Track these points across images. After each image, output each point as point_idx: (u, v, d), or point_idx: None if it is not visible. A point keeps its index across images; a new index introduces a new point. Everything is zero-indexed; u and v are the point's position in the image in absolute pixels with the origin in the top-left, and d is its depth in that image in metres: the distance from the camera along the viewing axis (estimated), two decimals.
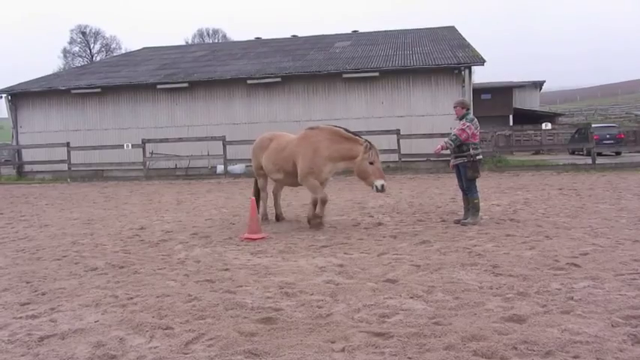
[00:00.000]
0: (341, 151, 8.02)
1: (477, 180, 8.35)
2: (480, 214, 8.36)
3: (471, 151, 8.14)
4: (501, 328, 3.75)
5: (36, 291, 5.21)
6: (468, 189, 8.28)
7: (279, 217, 9.29)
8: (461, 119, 8.33)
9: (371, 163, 7.80)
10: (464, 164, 8.22)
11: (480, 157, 8.36)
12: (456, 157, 8.36)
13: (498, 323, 3.85)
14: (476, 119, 8.34)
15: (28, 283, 5.55)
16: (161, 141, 21.06)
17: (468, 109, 8.45)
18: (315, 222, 8.29)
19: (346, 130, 8.22)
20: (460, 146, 8.20)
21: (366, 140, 7.91)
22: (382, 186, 7.75)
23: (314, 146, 8.11)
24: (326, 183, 8.54)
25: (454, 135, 8.15)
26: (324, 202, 8.25)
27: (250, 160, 20.28)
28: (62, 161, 21.05)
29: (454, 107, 8.57)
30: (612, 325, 3.71)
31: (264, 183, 9.36)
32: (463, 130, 8.11)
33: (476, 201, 8.24)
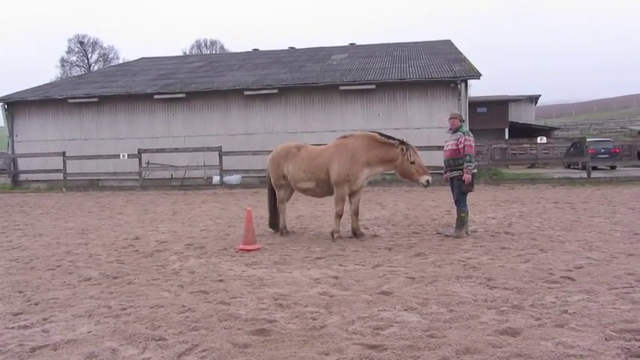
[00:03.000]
0: (379, 156, 8.16)
1: (468, 194, 8.36)
2: (470, 228, 8.37)
3: (466, 165, 8.15)
4: (495, 341, 3.75)
5: (29, 301, 5.18)
6: (458, 202, 8.30)
7: (282, 231, 9.17)
8: (455, 132, 8.34)
9: (412, 163, 7.99)
10: (459, 177, 8.22)
11: (475, 170, 8.38)
12: (452, 170, 8.37)
13: (492, 336, 3.84)
14: (470, 132, 8.37)
15: (21, 292, 5.52)
16: (157, 151, 21.02)
17: (463, 122, 8.48)
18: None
19: (380, 134, 8.33)
20: (456, 160, 8.22)
21: (402, 142, 8.08)
22: (427, 181, 8.03)
23: (351, 153, 8.18)
24: (361, 191, 8.55)
25: (468, 155, 8.10)
26: (338, 215, 8.38)
27: (246, 170, 20.32)
28: (58, 170, 20.98)
29: (449, 119, 8.57)
30: (606, 339, 3.71)
31: (284, 195, 9.09)
32: (471, 145, 8.15)
33: (463, 214, 8.24)
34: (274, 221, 9.25)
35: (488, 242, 7.66)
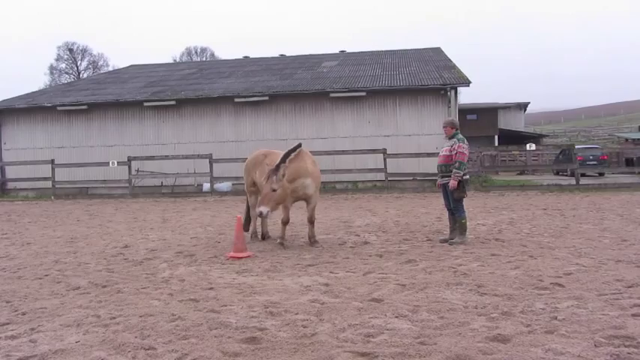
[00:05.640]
0: None
1: (463, 200, 8.38)
2: (467, 233, 8.39)
3: (454, 171, 8.15)
4: (486, 347, 3.75)
5: (16, 310, 5.12)
6: (456, 209, 8.29)
7: (264, 236, 9.28)
8: (450, 139, 8.36)
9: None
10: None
11: (467, 177, 8.40)
12: (443, 177, 8.39)
13: (483, 343, 3.85)
14: (465, 139, 8.38)
15: (8, 302, 5.45)
16: (147, 158, 20.96)
17: (457, 129, 8.46)
18: (281, 242, 8.44)
19: (288, 151, 8.04)
20: (448, 166, 8.24)
21: (278, 164, 7.75)
22: (258, 211, 7.64)
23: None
24: (311, 200, 8.47)
25: (458, 162, 8.08)
26: (283, 222, 8.43)
27: (237, 178, 20.29)
28: (46, 178, 20.81)
29: (444, 127, 8.59)
30: (595, 345, 3.73)
31: (255, 200, 9.23)
32: (463, 152, 8.13)
33: (463, 221, 8.26)
34: (262, 229, 9.41)
35: (479, 249, 7.68)
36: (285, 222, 8.45)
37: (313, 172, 8.30)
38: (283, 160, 7.84)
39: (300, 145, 8.29)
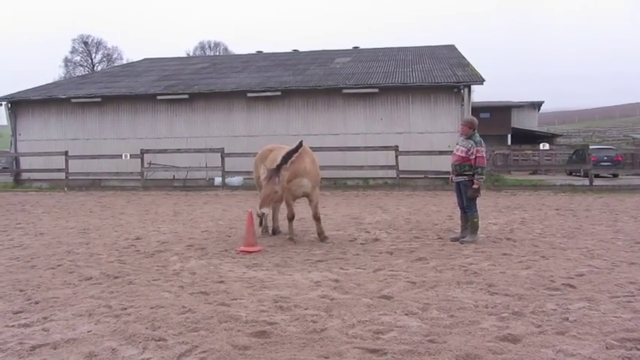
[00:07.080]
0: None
1: (477, 199, 8.33)
2: (479, 232, 8.35)
3: (477, 177, 8.08)
4: (496, 347, 3.74)
5: (29, 299, 5.19)
6: (468, 207, 8.24)
7: (275, 231, 9.30)
8: (467, 139, 8.26)
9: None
10: (465, 183, 8.19)
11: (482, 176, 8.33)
12: (458, 175, 8.33)
13: (493, 342, 3.83)
14: (482, 140, 8.25)
15: (21, 291, 5.53)
16: (160, 152, 21.06)
17: (475, 129, 8.27)
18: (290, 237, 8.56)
19: (289, 152, 8.06)
20: (463, 166, 8.18)
21: (279, 165, 7.79)
22: (262, 213, 7.73)
23: None
24: (312, 196, 8.48)
25: (480, 168, 8.03)
26: (288, 219, 8.56)
27: (248, 172, 20.36)
28: (60, 170, 20.99)
29: (462, 125, 8.48)
30: (607, 348, 3.70)
31: None
32: (483, 156, 8.08)
33: (475, 220, 8.22)
34: (273, 224, 9.42)
35: (490, 248, 7.64)
36: (291, 218, 8.53)
37: (311, 171, 8.28)
38: (285, 160, 7.82)
39: (301, 144, 8.28)
